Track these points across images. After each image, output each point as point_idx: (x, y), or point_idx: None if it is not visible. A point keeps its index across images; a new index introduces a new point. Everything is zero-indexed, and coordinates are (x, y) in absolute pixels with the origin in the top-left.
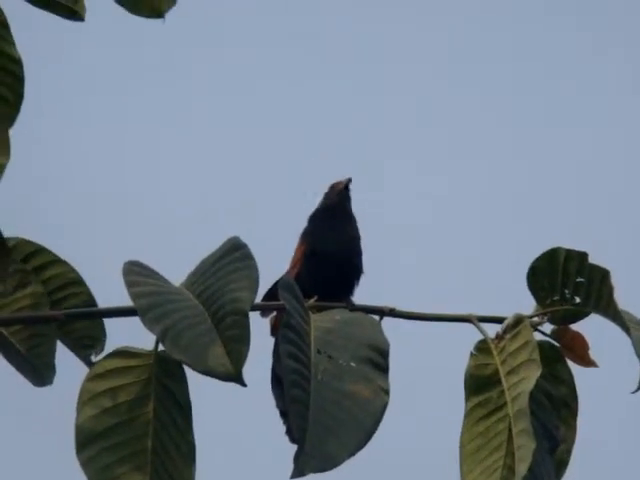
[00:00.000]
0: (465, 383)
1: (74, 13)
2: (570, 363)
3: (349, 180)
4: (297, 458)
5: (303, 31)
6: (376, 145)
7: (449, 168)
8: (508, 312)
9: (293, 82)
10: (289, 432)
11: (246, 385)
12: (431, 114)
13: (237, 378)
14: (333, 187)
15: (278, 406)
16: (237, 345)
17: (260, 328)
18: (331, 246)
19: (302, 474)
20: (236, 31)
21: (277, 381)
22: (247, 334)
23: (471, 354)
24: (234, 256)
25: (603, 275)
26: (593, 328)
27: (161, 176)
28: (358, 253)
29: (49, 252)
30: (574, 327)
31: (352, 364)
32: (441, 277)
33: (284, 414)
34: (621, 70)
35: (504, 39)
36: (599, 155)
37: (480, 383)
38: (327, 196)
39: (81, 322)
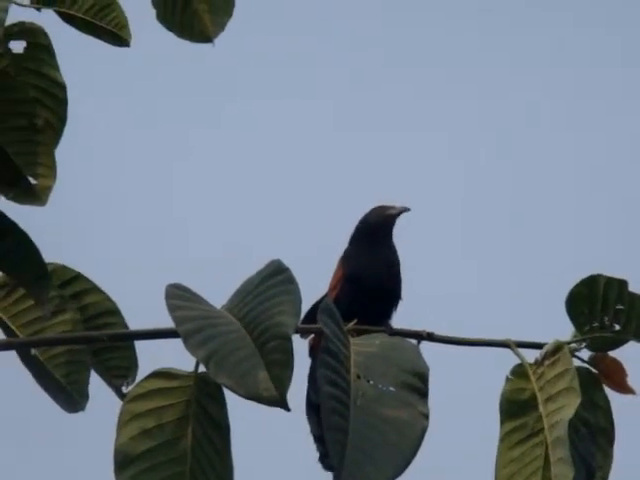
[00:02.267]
0: (500, 407)
1: (119, 39)
2: (607, 390)
3: (402, 211)
4: None
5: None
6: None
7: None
8: (545, 338)
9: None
10: (322, 458)
11: (290, 410)
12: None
13: (281, 403)
14: (383, 209)
15: (312, 431)
16: (281, 370)
17: (299, 349)
18: (370, 272)
19: None
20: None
21: (311, 406)
22: (291, 359)
23: (507, 378)
24: (277, 279)
25: None
26: (631, 355)
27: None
28: (397, 279)
29: (86, 279)
30: (612, 354)
31: (391, 389)
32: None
33: (318, 439)
34: None
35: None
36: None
37: (515, 407)
38: (372, 217)
39: (115, 351)
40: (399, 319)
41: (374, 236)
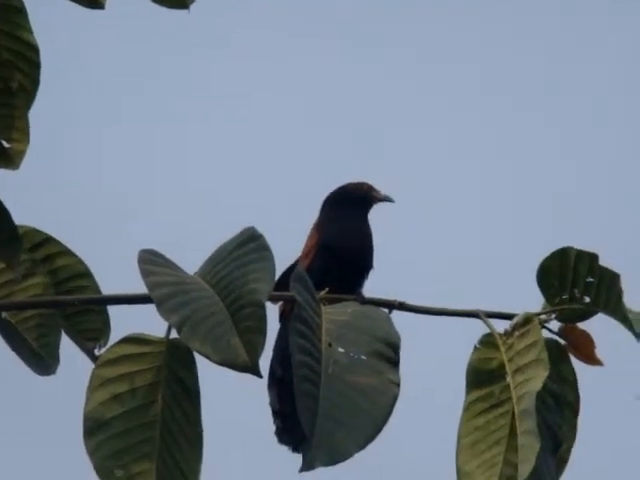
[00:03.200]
0: (467, 376)
1: (94, 1)
2: (575, 362)
3: (388, 199)
4: (306, 451)
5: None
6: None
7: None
8: (516, 309)
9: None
10: (278, 432)
11: (262, 376)
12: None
13: (253, 369)
14: (368, 188)
15: (271, 404)
16: (254, 336)
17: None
18: (345, 240)
19: (311, 467)
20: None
21: (274, 378)
22: (264, 326)
23: (474, 347)
24: (250, 246)
25: (613, 278)
26: (599, 328)
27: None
28: (370, 248)
29: (58, 242)
30: (580, 326)
31: (363, 357)
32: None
33: (276, 413)
34: None
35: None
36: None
37: (482, 377)
38: (355, 190)
39: (87, 315)
40: (372, 288)
41: (352, 208)
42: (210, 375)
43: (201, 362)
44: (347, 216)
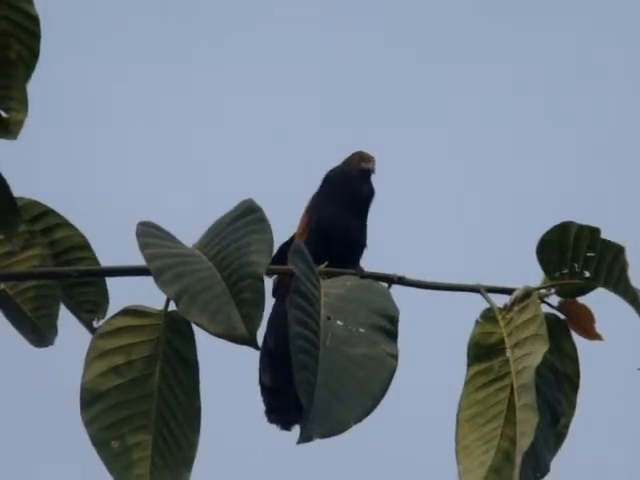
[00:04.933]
0: (468, 350)
1: None
2: (574, 337)
3: (373, 165)
4: (304, 423)
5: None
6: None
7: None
8: (516, 283)
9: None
10: (267, 411)
11: (259, 348)
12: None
13: (251, 341)
14: (355, 159)
15: (262, 378)
16: (252, 309)
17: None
18: (334, 219)
19: (309, 439)
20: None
21: (266, 353)
22: (262, 298)
23: (476, 322)
24: (249, 219)
25: (616, 251)
26: (599, 303)
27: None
28: (362, 227)
29: (57, 214)
30: (581, 300)
31: (361, 330)
32: (451, 247)
33: (266, 390)
34: None
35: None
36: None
37: (483, 351)
38: (346, 167)
39: (86, 286)
40: (370, 262)
41: (345, 185)
42: (211, 349)
43: (201, 336)
44: (338, 194)
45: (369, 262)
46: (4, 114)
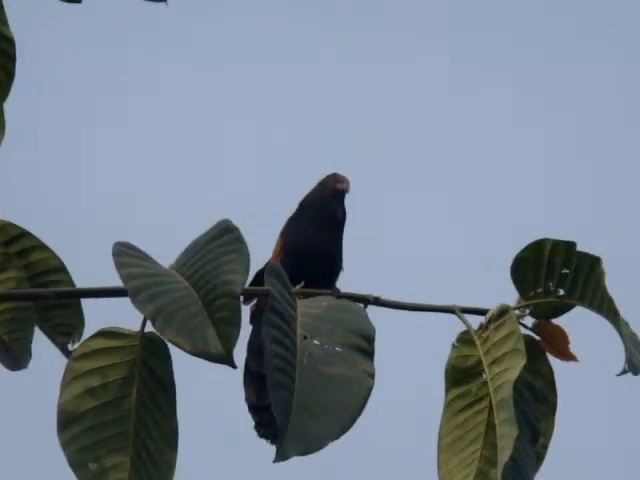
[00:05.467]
0: (446, 374)
1: None
2: (550, 358)
3: (347, 186)
4: (280, 442)
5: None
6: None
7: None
8: (491, 304)
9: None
10: (257, 427)
11: (236, 367)
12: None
13: (228, 360)
14: (330, 180)
15: (248, 400)
16: (228, 327)
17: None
18: (308, 243)
19: (285, 458)
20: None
21: (249, 374)
22: (238, 316)
23: (453, 345)
24: (225, 239)
25: (592, 263)
26: (575, 322)
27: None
28: (337, 250)
29: (33, 237)
30: (556, 321)
31: (338, 349)
32: (426, 268)
33: (253, 408)
34: None
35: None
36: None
37: (460, 375)
38: (320, 188)
39: (61, 309)
40: (345, 283)
41: (321, 209)
42: (186, 369)
43: (178, 356)
44: (314, 217)
45: (344, 283)
46: None
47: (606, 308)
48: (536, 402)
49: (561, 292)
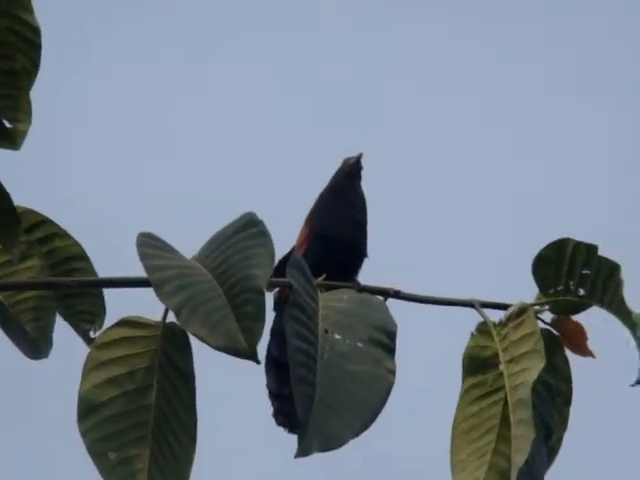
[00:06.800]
0: (463, 363)
1: None
2: (567, 353)
3: (360, 156)
4: (302, 437)
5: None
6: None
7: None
8: (511, 299)
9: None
10: (275, 414)
11: (259, 362)
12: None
13: (251, 355)
14: (344, 164)
15: (269, 386)
16: (252, 322)
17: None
18: (336, 229)
19: (307, 453)
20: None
21: (271, 361)
22: (262, 311)
23: (471, 334)
24: (250, 232)
25: (612, 269)
26: (593, 320)
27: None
28: (363, 237)
29: (54, 224)
30: (575, 318)
31: (359, 344)
32: (447, 262)
33: (274, 395)
34: None
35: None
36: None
37: (477, 364)
38: (337, 174)
39: (83, 297)
40: (368, 276)
41: (339, 192)
42: (207, 360)
43: (198, 349)
44: (336, 203)
45: (365, 275)
46: (8, 125)
47: (623, 316)
48: (552, 397)
49: (581, 292)
